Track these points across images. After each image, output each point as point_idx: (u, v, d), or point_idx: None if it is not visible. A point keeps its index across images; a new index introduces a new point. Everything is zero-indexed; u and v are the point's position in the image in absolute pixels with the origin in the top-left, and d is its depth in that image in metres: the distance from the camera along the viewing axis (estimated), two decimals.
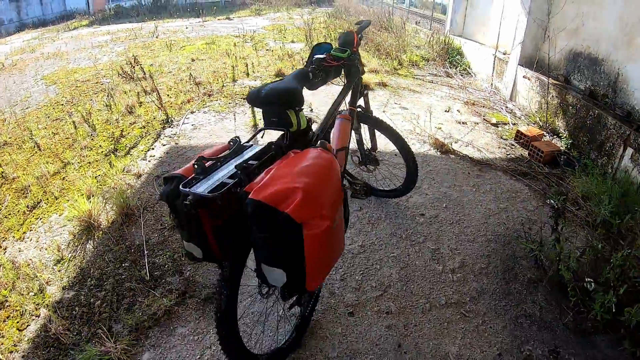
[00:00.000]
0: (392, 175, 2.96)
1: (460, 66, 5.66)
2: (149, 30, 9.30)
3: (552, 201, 2.82)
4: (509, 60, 4.37)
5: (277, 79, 1.99)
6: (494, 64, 4.73)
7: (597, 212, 2.50)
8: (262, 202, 1.10)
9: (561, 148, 3.33)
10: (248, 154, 1.47)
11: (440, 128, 3.94)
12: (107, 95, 4.73)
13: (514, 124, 3.99)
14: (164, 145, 3.70)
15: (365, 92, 2.48)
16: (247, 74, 5.32)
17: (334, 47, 2.25)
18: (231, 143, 1.49)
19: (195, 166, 1.28)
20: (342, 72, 2.30)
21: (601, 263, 2.07)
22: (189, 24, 9.79)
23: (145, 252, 2.41)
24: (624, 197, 2.51)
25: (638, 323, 1.68)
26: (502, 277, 2.24)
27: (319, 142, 1.46)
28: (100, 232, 2.58)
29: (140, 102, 4.59)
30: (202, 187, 1.21)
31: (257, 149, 1.50)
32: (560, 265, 2.09)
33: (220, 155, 1.42)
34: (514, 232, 2.57)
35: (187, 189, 1.19)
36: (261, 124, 4.00)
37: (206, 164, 1.32)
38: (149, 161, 3.44)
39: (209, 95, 4.72)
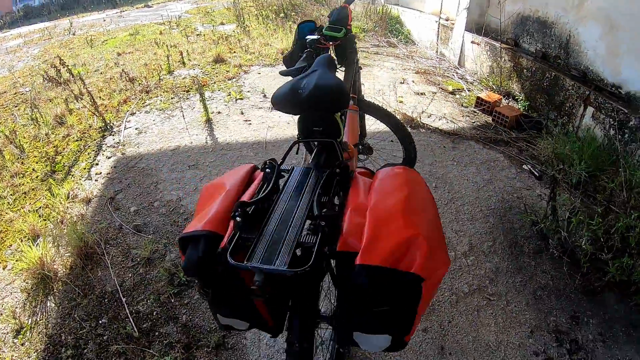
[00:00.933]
0: (386, 162, 2.88)
1: (401, 35, 5.65)
2: (63, 27, 8.21)
3: (529, 167, 2.97)
4: (454, 26, 4.42)
5: (300, 66, 1.62)
6: (438, 31, 4.77)
7: (572, 173, 2.67)
8: (380, 266, 0.83)
9: (523, 111, 3.47)
10: (299, 183, 1.14)
11: (401, 101, 3.91)
12: (31, 107, 4.03)
13: (469, 90, 4.09)
14: (108, 157, 3.23)
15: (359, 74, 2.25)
16: (184, 63, 4.82)
17: (318, 24, 2.01)
18: (267, 169, 1.14)
19: (238, 218, 0.94)
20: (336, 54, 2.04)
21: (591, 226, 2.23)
22: (106, 16, 8.74)
23: (123, 300, 2.08)
24: (593, 156, 2.70)
25: None
26: (509, 252, 2.30)
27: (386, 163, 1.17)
28: (60, 284, 2.18)
29: (71, 110, 3.97)
30: (262, 255, 0.89)
31: (308, 173, 1.18)
32: (562, 235, 2.22)
33: (258, 197, 1.05)
34: (506, 204, 2.64)
35: (248, 264, 0.86)
36: (218, 118, 3.71)
37: (248, 210, 0.99)
38: (96, 180, 2.99)
39: (147, 92, 4.21)
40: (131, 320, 1.98)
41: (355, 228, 0.92)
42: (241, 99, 4.05)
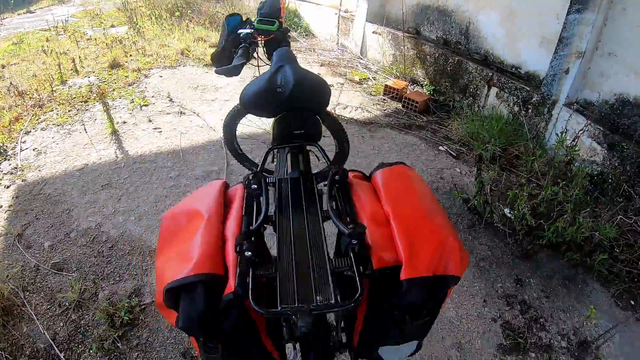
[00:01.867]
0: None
1: (301, 28, 5.57)
2: None
3: (445, 147, 3.13)
4: (355, 17, 4.46)
5: (239, 63, 1.46)
6: (338, 22, 4.78)
7: (487, 149, 2.87)
8: (426, 277, 0.75)
9: (431, 96, 3.65)
10: (294, 196, 0.96)
11: None
12: None
13: (375, 78, 4.17)
14: (7, 187, 2.67)
15: None
16: (77, 71, 4.18)
17: (244, 18, 1.84)
18: (253, 185, 0.92)
19: (248, 253, 0.74)
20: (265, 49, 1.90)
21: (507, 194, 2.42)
22: None
23: (61, 355, 1.72)
24: (502, 132, 2.93)
25: (574, 238, 2.05)
26: None
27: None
28: None
29: None
30: (294, 293, 0.72)
31: (298, 183, 1.01)
32: (490, 208, 2.37)
33: (258, 222, 0.85)
34: (432, 185, 2.74)
35: (285, 309, 0.69)
36: (125, 128, 3.23)
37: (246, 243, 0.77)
38: None
39: (40, 107, 3.55)
40: None
41: (385, 240, 0.82)
42: (146, 105, 3.65)
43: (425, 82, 3.81)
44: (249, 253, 0.75)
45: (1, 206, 2.52)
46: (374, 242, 0.80)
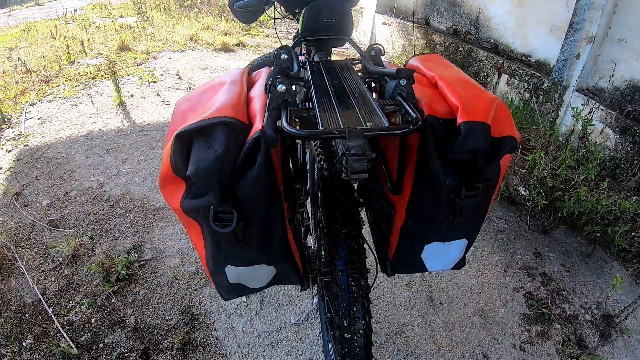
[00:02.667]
0: None
1: None
2: None
3: None
4: (365, 9, 4.37)
5: None
6: None
7: None
8: (486, 124, 0.61)
9: None
10: (327, 68, 0.84)
11: None
12: None
13: None
14: (9, 151, 2.47)
15: None
16: (85, 53, 3.99)
17: None
18: (283, 55, 0.78)
19: (281, 86, 0.61)
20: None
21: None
22: None
23: (50, 310, 1.52)
24: (514, 117, 2.80)
25: (594, 209, 1.90)
26: None
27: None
28: None
29: None
30: (352, 122, 0.58)
31: (330, 61, 0.90)
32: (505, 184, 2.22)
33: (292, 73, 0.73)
34: None
35: (329, 128, 0.56)
36: (132, 101, 3.01)
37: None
38: None
39: (47, 82, 3.37)
40: (64, 334, 1.44)
41: (433, 95, 0.68)
42: (154, 81, 3.47)
43: None
44: (283, 87, 0.60)
45: (1, 168, 2.32)
46: (422, 97, 0.67)
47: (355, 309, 0.72)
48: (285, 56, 0.78)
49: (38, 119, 2.84)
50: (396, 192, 0.71)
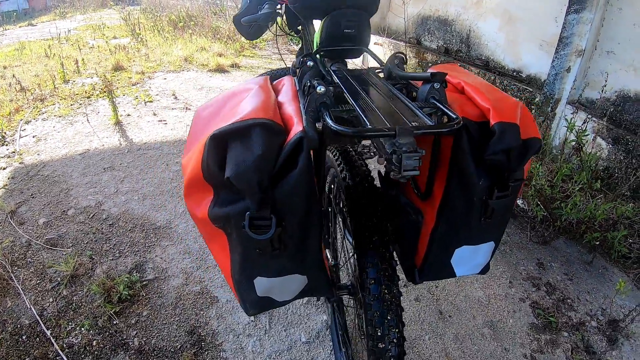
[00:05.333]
0: None
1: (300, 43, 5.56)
2: None
3: None
4: None
5: (267, 12, 1.33)
6: None
7: None
8: (516, 124, 0.63)
9: None
10: (355, 78, 0.84)
11: None
12: None
13: None
14: (3, 168, 2.44)
15: None
16: (79, 72, 3.99)
17: None
18: (309, 62, 0.81)
19: (321, 87, 0.63)
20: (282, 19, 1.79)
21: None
22: None
23: (48, 332, 1.46)
24: None
25: (592, 215, 1.92)
26: None
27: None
28: None
29: None
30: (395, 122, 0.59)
31: (359, 71, 0.90)
32: None
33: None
34: None
35: (376, 127, 0.56)
36: (129, 120, 3.00)
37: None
38: None
39: (42, 100, 3.34)
40: (64, 358, 1.38)
41: (461, 100, 0.71)
42: (151, 101, 3.47)
43: None
44: (322, 89, 0.61)
45: None
46: (452, 102, 0.69)
47: (389, 317, 0.71)
48: (311, 63, 0.79)
49: (33, 136, 2.81)
50: (425, 198, 0.72)
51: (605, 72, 2.49)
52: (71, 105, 3.32)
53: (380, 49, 4.20)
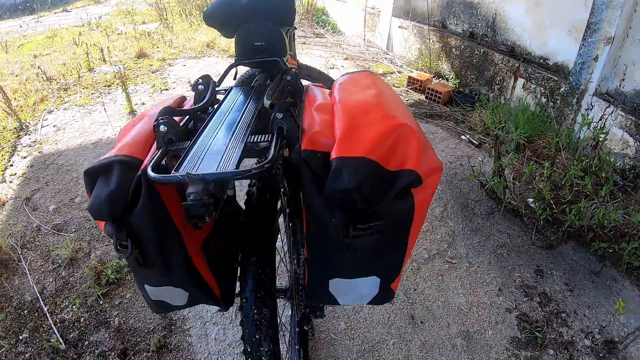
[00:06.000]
0: None
1: (328, 25, 5.49)
2: None
3: (467, 136, 2.90)
4: (381, 13, 4.33)
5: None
6: (365, 19, 4.66)
7: (510, 138, 2.62)
8: (366, 158, 0.58)
9: (456, 88, 3.42)
10: (241, 98, 0.85)
11: None
12: None
13: (399, 72, 4.00)
14: (24, 157, 2.68)
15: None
16: (104, 60, 4.24)
17: None
18: (199, 86, 0.85)
19: (162, 127, 0.66)
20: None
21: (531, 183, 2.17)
22: (23, 22, 7.57)
23: (45, 308, 1.64)
24: (528, 122, 2.68)
25: (600, 224, 1.78)
26: (462, 215, 2.16)
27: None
28: None
29: None
30: (198, 162, 0.61)
31: (250, 90, 0.91)
32: (509, 193, 2.13)
33: (193, 107, 0.80)
34: (450, 171, 2.52)
35: (176, 174, 0.58)
36: (142, 109, 3.25)
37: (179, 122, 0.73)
38: (11, 182, 2.45)
39: (65, 90, 3.62)
40: (55, 331, 1.56)
41: (322, 125, 0.67)
42: (166, 89, 3.62)
43: (451, 76, 3.60)
44: (164, 128, 0.66)
45: (16, 174, 2.52)
46: (311, 126, 0.67)
47: (258, 336, 0.73)
48: (202, 87, 0.84)
49: (54, 126, 3.05)
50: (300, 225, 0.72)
51: (637, 62, 2.26)
52: (92, 94, 3.54)
53: (404, 32, 4.05)
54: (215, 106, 0.83)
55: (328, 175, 0.58)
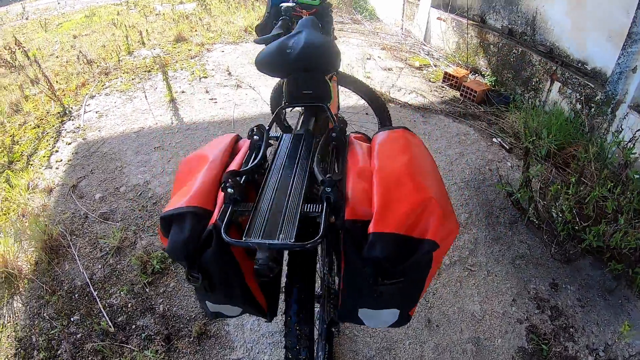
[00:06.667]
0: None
1: (366, 12, 5.49)
2: (16, 12, 7.34)
3: (499, 140, 2.96)
4: (420, 3, 4.32)
5: (276, 33, 1.49)
6: (403, 7, 4.65)
7: (541, 145, 2.67)
8: (396, 234, 0.74)
9: (490, 86, 3.45)
10: (291, 150, 1.00)
11: (369, 77, 3.79)
12: None
13: (436, 65, 4.03)
14: (69, 144, 2.94)
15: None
16: (143, 43, 4.45)
17: None
18: (255, 137, 1.00)
19: (230, 189, 0.81)
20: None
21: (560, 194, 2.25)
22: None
23: (95, 293, 1.89)
24: (561, 129, 2.71)
25: (618, 245, 1.86)
26: (486, 223, 2.28)
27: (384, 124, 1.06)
28: (26, 281, 1.96)
29: (26, 96, 3.59)
30: (262, 229, 0.76)
31: (300, 140, 1.04)
32: (534, 205, 2.21)
33: (250, 166, 0.92)
34: (479, 176, 2.61)
35: (248, 240, 0.74)
36: (182, 97, 3.45)
37: (240, 180, 0.87)
38: (57, 168, 2.71)
39: (106, 74, 3.86)
40: (105, 315, 1.81)
41: (362, 194, 0.82)
42: (205, 77, 3.80)
43: (487, 72, 3.61)
44: (231, 190, 0.81)
45: (62, 160, 2.77)
46: (355, 195, 0.81)
47: (298, 347, 0.92)
48: (257, 137, 0.98)
49: (96, 112, 3.29)
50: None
51: None
52: (132, 79, 3.76)
53: (442, 24, 4.04)
54: (269, 165, 0.96)
55: (365, 244, 0.75)
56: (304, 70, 1.15)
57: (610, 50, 2.54)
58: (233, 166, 0.92)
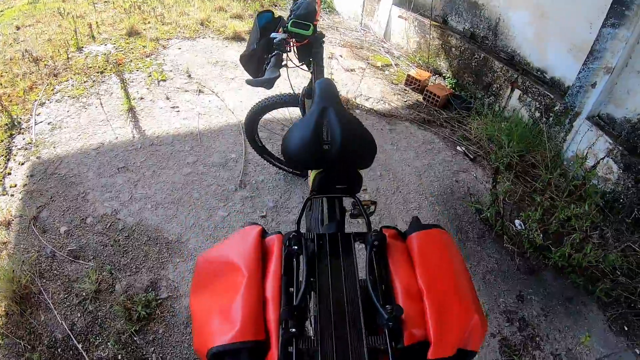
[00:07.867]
0: None
1: (324, 4, 5.38)
2: None
3: (463, 148, 3.13)
4: (381, 0, 4.33)
5: (273, 76, 1.43)
6: (363, 3, 4.60)
7: (503, 155, 2.87)
8: (450, 357, 0.82)
9: (453, 91, 3.58)
10: (333, 257, 0.97)
11: (333, 78, 3.80)
12: None
13: (397, 65, 4.09)
14: (22, 164, 2.68)
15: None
16: (93, 37, 4.09)
17: (275, 15, 1.78)
18: (294, 247, 0.93)
19: (293, 329, 0.79)
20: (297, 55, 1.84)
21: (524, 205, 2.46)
22: None
23: (79, 346, 1.80)
24: (521, 137, 2.92)
25: (579, 262, 2.10)
26: (457, 239, 2.44)
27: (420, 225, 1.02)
28: None
29: None
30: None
31: (336, 240, 1.01)
32: (501, 221, 2.42)
33: (300, 297, 0.87)
34: (447, 189, 2.77)
35: None
36: (142, 105, 3.22)
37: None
38: (12, 195, 2.48)
39: (55, 75, 3.49)
40: None
41: (416, 316, 0.87)
42: (164, 80, 3.61)
43: (448, 75, 3.73)
44: (294, 330, 0.79)
45: (16, 185, 2.54)
46: (407, 316, 0.85)
47: None
48: (296, 247, 0.92)
49: (48, 123, 3.01)
50: None
51: (632, 91, 2.48)
52: (84, 82, 3.47)
53: (404, 23, 4.09)
54: (314, 283, 0.94)
55: None
56: (342, 164, 1.12)
57: (571, 61, 2.73)
58: (273, 281, 0.89)
